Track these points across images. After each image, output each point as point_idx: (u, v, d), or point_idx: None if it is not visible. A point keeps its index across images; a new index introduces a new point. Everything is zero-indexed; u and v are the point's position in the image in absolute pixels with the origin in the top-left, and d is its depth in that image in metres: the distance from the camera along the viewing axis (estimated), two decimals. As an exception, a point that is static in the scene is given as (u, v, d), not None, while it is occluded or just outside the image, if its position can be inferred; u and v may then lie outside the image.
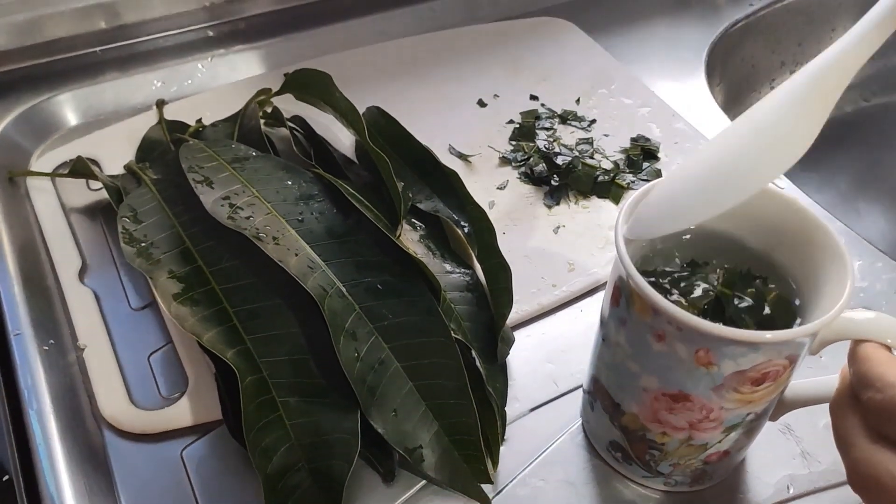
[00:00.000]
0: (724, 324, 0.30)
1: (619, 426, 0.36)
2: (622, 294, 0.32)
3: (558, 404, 0.42)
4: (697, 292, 0.34)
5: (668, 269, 0.35)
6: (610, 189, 0.54)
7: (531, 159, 0.55)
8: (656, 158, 0.56)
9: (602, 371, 0.36)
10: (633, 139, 0.58)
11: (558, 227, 0.51)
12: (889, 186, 0.75)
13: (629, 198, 0.34)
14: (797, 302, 0.33)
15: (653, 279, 0.34)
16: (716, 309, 0.33)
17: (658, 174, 0.55)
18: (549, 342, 0.45)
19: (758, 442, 0.37)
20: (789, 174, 0.56)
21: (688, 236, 0.36)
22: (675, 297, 0.34)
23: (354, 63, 0.64)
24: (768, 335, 0.29)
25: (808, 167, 0.76)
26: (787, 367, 0.31)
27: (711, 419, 0.33)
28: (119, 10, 0.63)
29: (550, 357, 0.44)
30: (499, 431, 0.39)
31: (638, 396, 0.34)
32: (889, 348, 0.30)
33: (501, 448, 0.39)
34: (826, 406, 0.40)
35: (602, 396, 0.37)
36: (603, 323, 0.35)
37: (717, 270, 0.35)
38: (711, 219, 0.36)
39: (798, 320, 0.33)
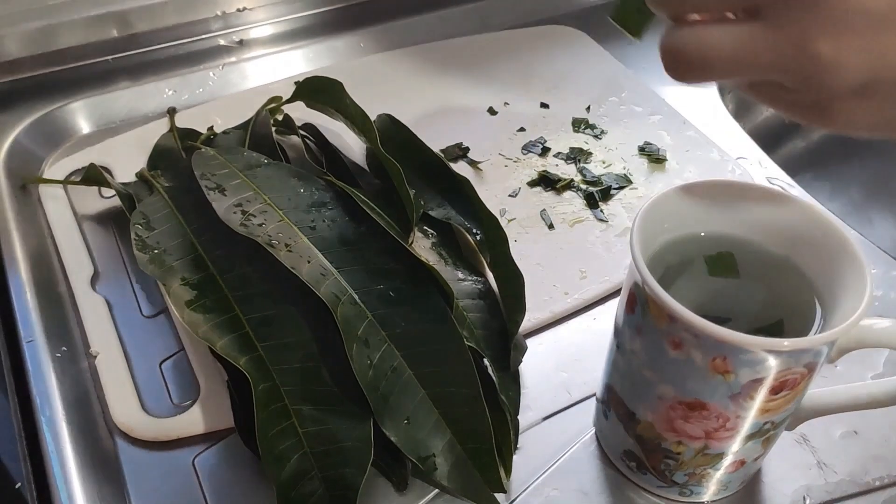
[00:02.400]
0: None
1: (634, 435, 0.36)
2: (637, 301, 0.32)
3: (571, 413, 0.42)
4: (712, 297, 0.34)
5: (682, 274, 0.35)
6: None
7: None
8: (663, 166, 0.56)
9: (616, 379, 0.36)
10: (640, 147, 0.57)
11: (569, 235, 0.51)
12: (901, 195, 0.74)
13: (643, 205, 0.34)
14: (817, 308, 0.33)
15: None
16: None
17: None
18: (561, 350, 0.45)
19: (773, 452, 0.37)
20: (802, 182, 0.56)
21: (697, 237, 0.36)
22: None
23: (365, 71, 0.65)
24: (786, 343, 0.29)
25: (821, 175, 0.75)
26: (806, 376, 0.31)
27: (728, 428, 0.32)
28: (131, 19, 0.64)
29: (563, 365, 0.44)
30: (512, 440, 0.39)
31: (653, 405, 0.34)
32: None
33: (514, 457, 0.39)
34: (842, 415, 0.39)
35: (616, 405, 0.36)
36: (617, 331, 0.35)
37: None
38: (727, 224, 0.35)
39: (816, 327, 0.32)
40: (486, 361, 0.40)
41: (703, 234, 0.36)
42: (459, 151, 0.57)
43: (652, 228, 0.34)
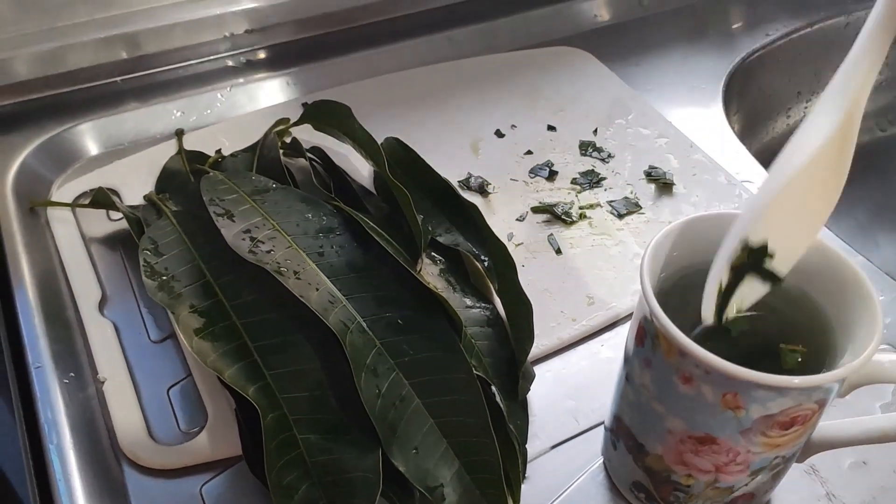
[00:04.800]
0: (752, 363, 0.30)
1: (643, 467, 0.36)
2: (647, 334, 0.32)
3: (579, 441, 0.42)
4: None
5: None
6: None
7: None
8: (670, 190, 0.56)
9: (625, 410, 0.36)
10: (646, 171, 0.58)
11: (577, 260, 0.51)
12: (908, 217, 0.74)
13: (654, 236, 0.34)
14: (831, 341, 0.33)
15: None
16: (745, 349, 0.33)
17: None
18: (569, 378, 0.45)
19: (783, 483, 0.37)
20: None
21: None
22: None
23: (372, 92, 0.65)
24: (797, 380, 0.29)
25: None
26: (816, 411, 0.31)
27: (738, 462, 0.32)
28: (140, 41, 0.64)
29: (571, 393, 0.44)
30: (520, 469, 0.39)
31: (663, 438, 0.34)
32: None
33: (523, 486, 0.39)
34: (852, 447, 0.39)
35: (625, 436, 0.36)
36: (627, 362, 0.35)
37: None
38: None
39: (830, 359, 0.32)
40: (493, 390, 0.40)
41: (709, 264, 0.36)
42: (467, 176, 0.57)
43: (661, 261, 0.34)
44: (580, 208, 0.55)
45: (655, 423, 0.34)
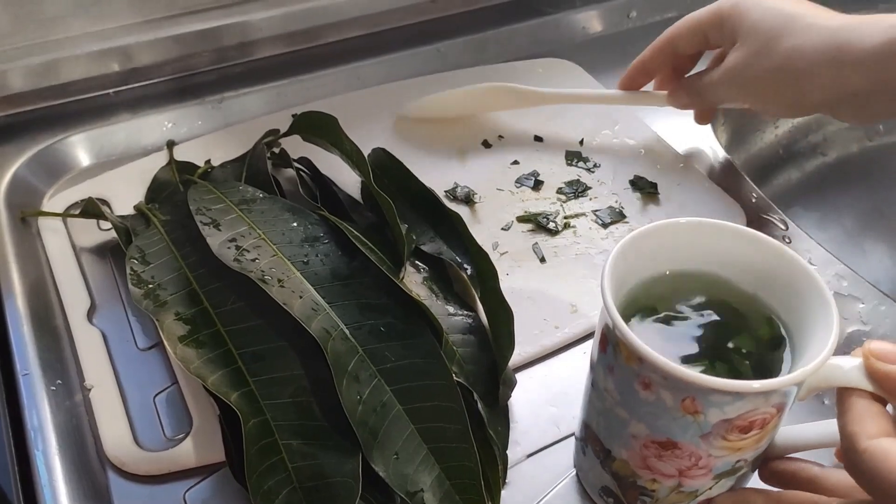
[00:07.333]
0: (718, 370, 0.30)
1: (611, 472, 0.36)
2: (609, 341, 0.33)
3: (560, 448, 0.42)
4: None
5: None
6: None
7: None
8: (655, 200, 0.57)
9: (593, 417, 0.36)
10: (631, 181, 0.58)
11: (561, 269, 0.51)
12: (895, 226, 0.75)
13: (614, 248, 0.34)
14: (787, 346, 0.33)
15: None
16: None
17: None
18: (551, 385, 0.45)
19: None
20: (793, 213, 0.57)
21: (668, 276, 0.36)
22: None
23: (361, 104, 0.65)
24: (754, 385, 0.30)
25: (814, 206, 0.76)
26: (775, 415, 0.31)
27: (700, 466, 0.33)
28: (132, 53, 0.65)
29: (552, 400, 0.44)
30: (500, 475, 0.39)
31: (627, 443, 0.34)
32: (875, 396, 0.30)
33: (503, 492, 0.39)
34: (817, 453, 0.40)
35: (593, 442, 0.37)
36: (592, 368, 0.36)
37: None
38: (696, 261, 0.36)
39: (788, 366, 0.33)
40: (475, 396, 0.41)
41: (667, 272, 0.37)
42: (454, 186, 0.57)
43: (624, 270, 0.34)
44: (565, 218, 0.55)
45: (620, 429, 0.34)
